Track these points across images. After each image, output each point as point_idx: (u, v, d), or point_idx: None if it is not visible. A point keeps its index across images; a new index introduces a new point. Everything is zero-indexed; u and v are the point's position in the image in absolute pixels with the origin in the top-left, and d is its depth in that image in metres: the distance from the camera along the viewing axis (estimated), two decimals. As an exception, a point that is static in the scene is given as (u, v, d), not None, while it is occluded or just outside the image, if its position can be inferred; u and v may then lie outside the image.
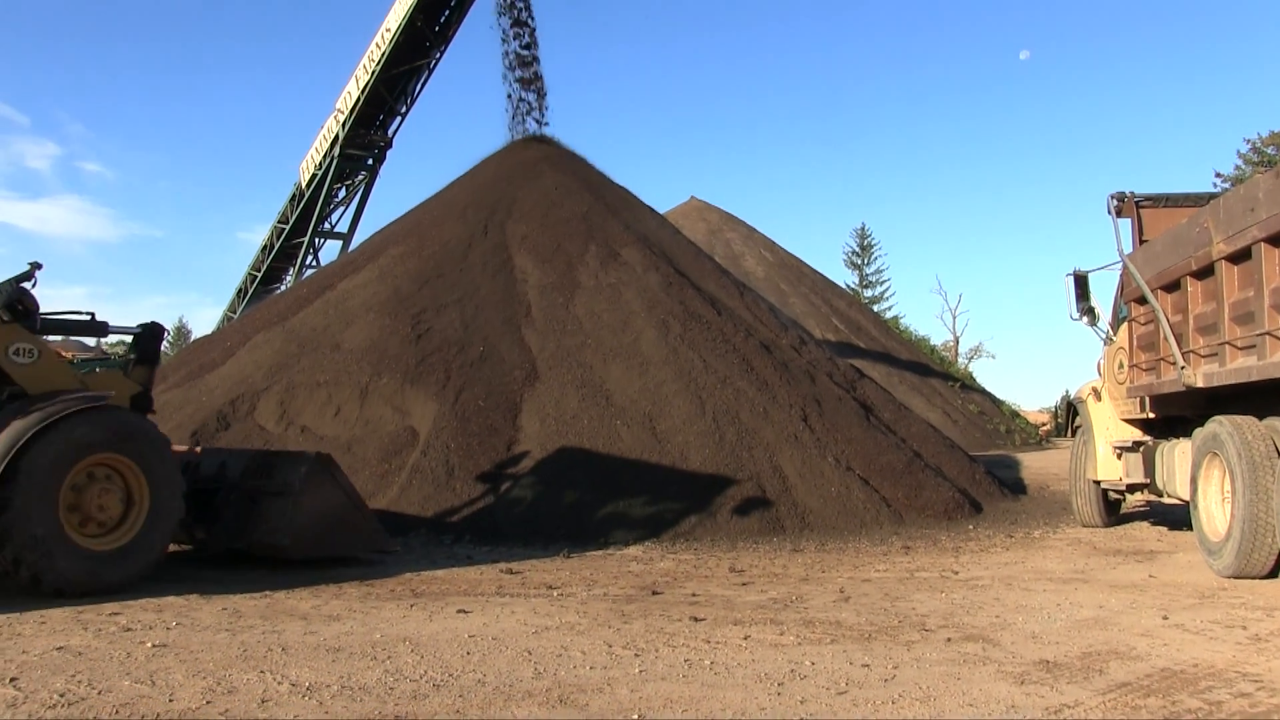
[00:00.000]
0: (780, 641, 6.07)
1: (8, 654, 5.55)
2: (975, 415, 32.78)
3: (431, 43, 27.15)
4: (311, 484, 8.97)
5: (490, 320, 14.90)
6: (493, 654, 5.67)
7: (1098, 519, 12.54)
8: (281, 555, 8.91)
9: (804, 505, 12.12)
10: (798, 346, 16.50)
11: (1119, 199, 11.61)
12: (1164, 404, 10.71)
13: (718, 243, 37.47)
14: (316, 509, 8.95)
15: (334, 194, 30.47)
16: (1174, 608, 7.23)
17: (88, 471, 7.63)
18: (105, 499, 7.70)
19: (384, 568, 9.11)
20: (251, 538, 9.02)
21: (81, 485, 7.59)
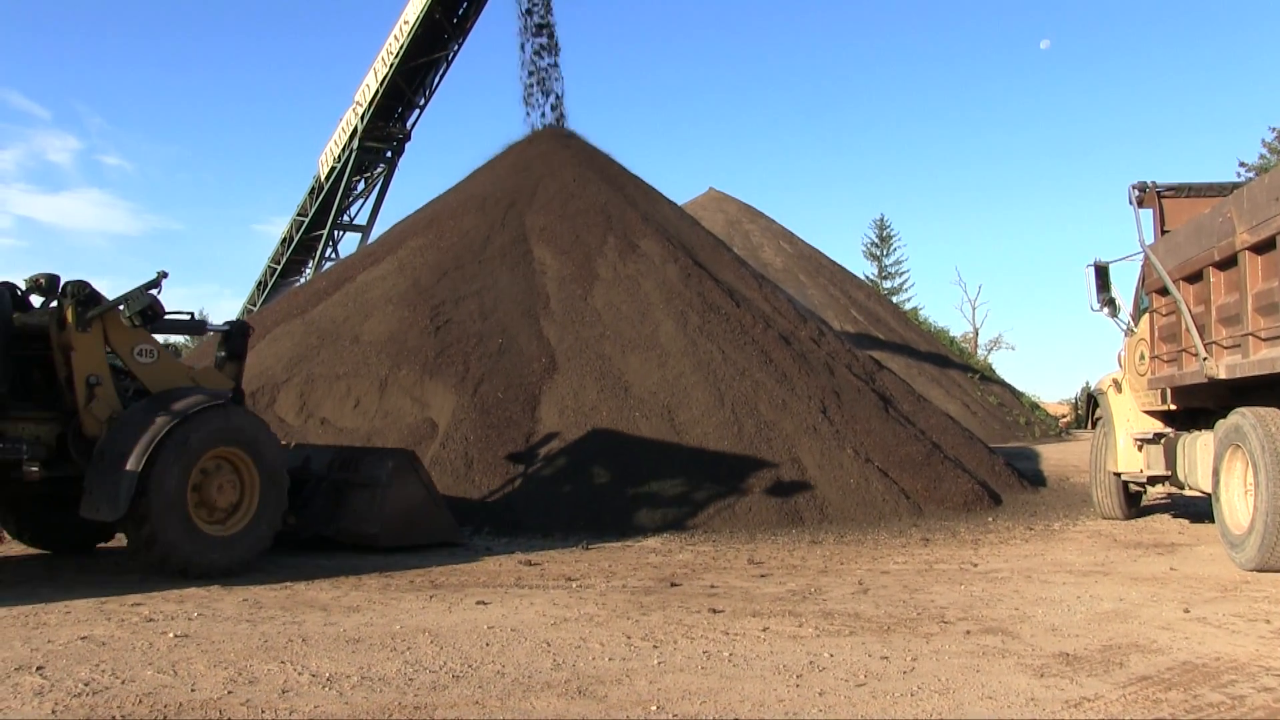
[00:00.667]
0: (799, 633, 6.07)
1: (34, 643, 5.61)
2: (995, 407, 32.64)
3: (449, 35, 27.17)
4: (397, 478, 9.59)
5: (509, 312, 14.92)
6: (512, 645, 5.69)
7: (1118, 511, 12.48)
8: (370, 543, 9.46)
9: (823, 497, 12.11)
10: (816, 338, 16.47)
11: (1140, 189, 11.54)
12: (1186, 395, 10.64)
13: (736, 234, 37.39)
14: (401, 501, 9.61)
15: (353, 186, 30.55)
16: (1195, 601, 7.19)
17: (209, 463, 8.20)
18: (223, 488, 8.28)
19: (404, 560, 9.15)
20: (339, 525, 9.65)
21: (204, 475, 8.17)
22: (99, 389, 8.07)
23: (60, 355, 8.07)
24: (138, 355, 8.39)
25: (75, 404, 8.00)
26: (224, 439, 8.26)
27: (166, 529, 7.74)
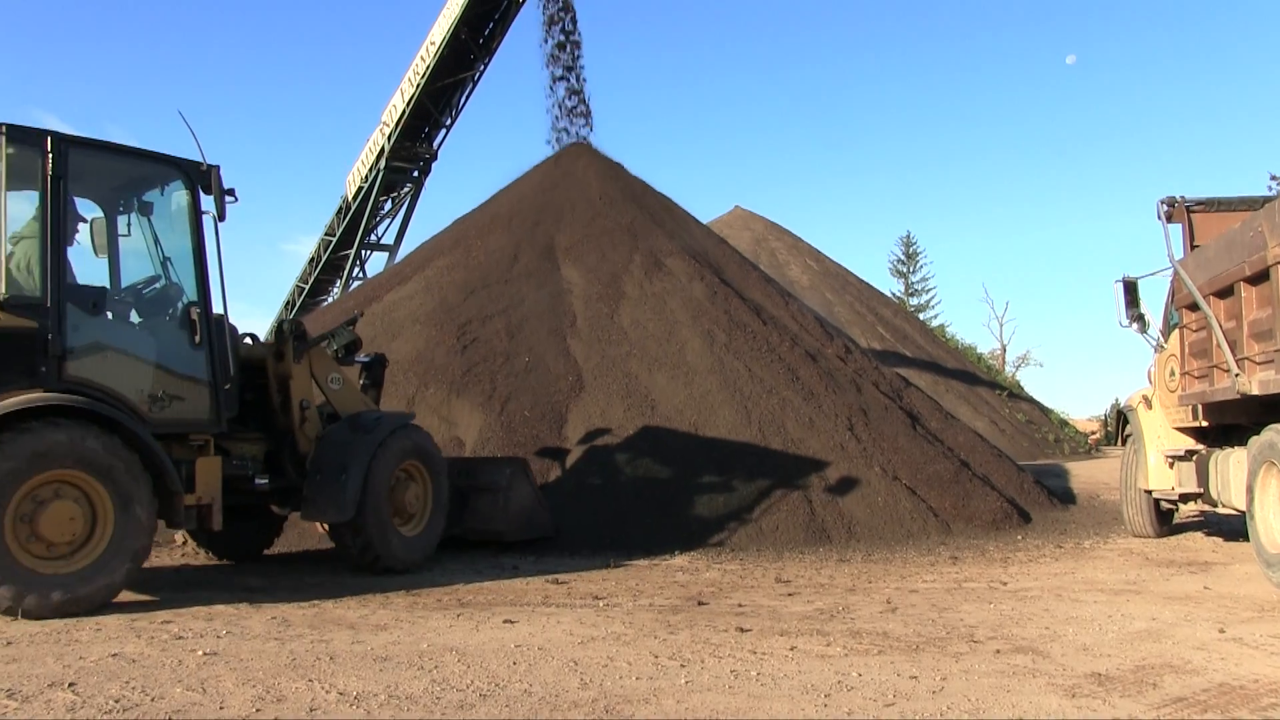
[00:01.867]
0: (827, 652, 6.03)
1: (66, 659, 5.65)
2: (1023, 424, 32.41)
3: (475, 55, 27.38)
4: (514, 482, 10.91)
5: (536, 330, 14.96)
6: (539, 664, 5.68)
7: (1150, 529, 12.34)
8: (496, 539, 10.83)
9: (850, 515, 12.05)
10: (843, 355, 16.41)
11: (1169, 204, 11.45)
12: (1218, 412, 10.53)
13: (762, 252, 37.38)
14: (518, 502, 10.93)
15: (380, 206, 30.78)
16: (1231, 621, 7.09)
17: (400, 473, 9.57)
18: (411, 495, 9.71)
19: (431, 577, 9.17)
20: (468, 525, 10.85)
21: (396, 483, 9.53)
22: (308, 412, 9.43)
23: (275, 383, 9.35)
24: (330, 383, 9.84)
25: (289, 425, 9.28)
26: (411, 453, 9.67)
27: (376, 529, 9.10)
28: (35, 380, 7.19)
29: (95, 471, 7.16)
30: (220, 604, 7.61)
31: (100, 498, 7.23)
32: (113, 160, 8.21)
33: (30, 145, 7.42)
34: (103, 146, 8.01)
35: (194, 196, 8.36)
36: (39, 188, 7.47)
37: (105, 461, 7.19)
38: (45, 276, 7.30)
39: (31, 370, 7.19)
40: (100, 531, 7.24)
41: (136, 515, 7.36)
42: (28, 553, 6.90)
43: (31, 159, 7.43)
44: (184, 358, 8.18)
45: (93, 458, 7.14)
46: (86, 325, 7.59)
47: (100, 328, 7.77)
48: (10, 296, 7.21)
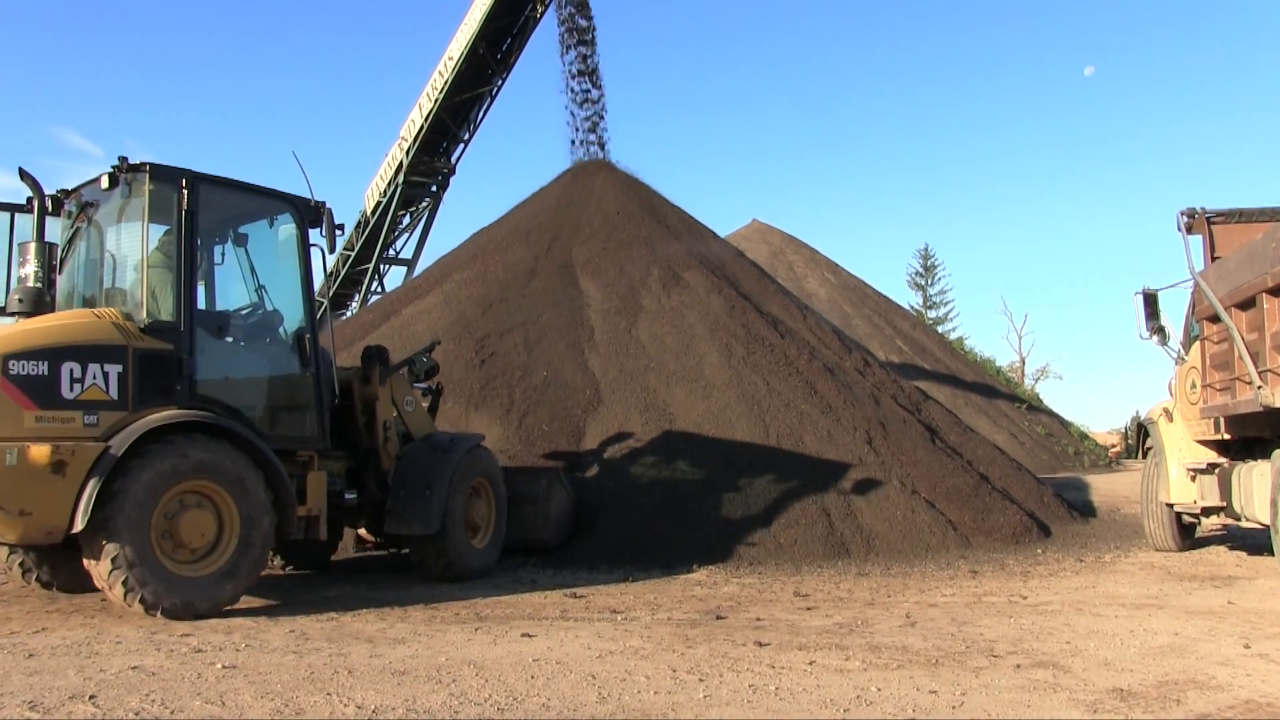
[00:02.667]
0: (846, 667, 6.00)
1: (86, 672, 5.67)
2: (1043, 437, 32.22)
3: (493, 70, 27.50)
4: (553, 491, 11.49)
5: (554, 344, 14.98)
6: (557, 678, 5.67)
7: (1171, 543, 12.25)
8: (541, 546, 11.35)
9: (869, 529, 12.00)
10: (861, 368, 16.37)
11: (1189, 215, 11.40)
12: (1240, 424, 10.46)
13: (780, 265, 37.34)
14: (558, 508, 11.55)
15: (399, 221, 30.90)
16: (1256, 636, 7.02)
17: (470, 490, 10.20)
18: (479, 510, 10.38)
19: (449, 592, 9.18)
20: (510, 534, 11.04)
21: (468, 500, 10.17)
22: (390, 432, 10.00)
23: (361, 405, 9.94)
24: (405, 405, 10.36)
25: (374, 444, 9.88)
26: (481, 471, 10.35)
27: (455, 541, 9.78)
28: (170, 398, 7.81)
29: (226, 483, 7.79)
30: (239, 617, 7.64)
31: (228, 508, 7.84)
32: (232, 196, 8.80)
33: (168, 182, 8.09)
34: (227, 183, 8.63)
35: (303, 230, 9.03)
36: (172, 221, 8.11)
37: (235, 474, 7.83)
38: (179, 303, 7.97)
39: (168, 389, 7.82)
40: (227, 539, 7.84)
41: (260, 525, 7.96)
42: (165, 554, 7.51)
43: (168, 195, 8.09)
44: (294, 379, 8.93)
45: (224, 470, 7.79)
46: (213, 348, 8.32)
47: (224, 350, 8.52)
48: (152, 321, 7.84)
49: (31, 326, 7.52)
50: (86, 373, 7.40)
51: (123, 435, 7.34)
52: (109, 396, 7.48)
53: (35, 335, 7.36)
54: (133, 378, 7.59)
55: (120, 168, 8.01)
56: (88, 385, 7.40)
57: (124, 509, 7.20)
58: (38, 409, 7.17)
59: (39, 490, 7.02)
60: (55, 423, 7.22)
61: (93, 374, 7.43)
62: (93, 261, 8.60)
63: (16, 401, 7.11)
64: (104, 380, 7.47)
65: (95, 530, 7.15)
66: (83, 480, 7.13)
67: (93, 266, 8.59)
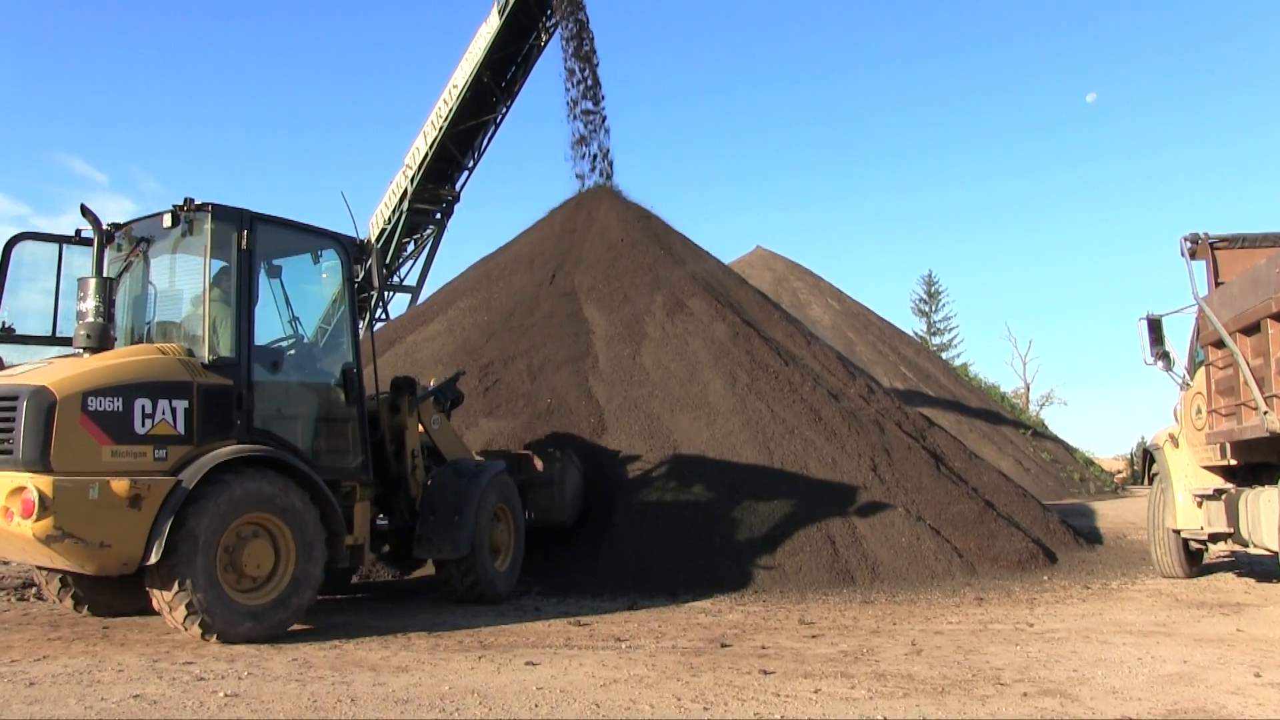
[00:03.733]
0: (851, 695, 5.96)
1: (88, 700, 5.65)
2: (1048, 463, 32.15)
3: (498, 98, 27.61)
4: (567, 472, 12.01)
5: (558, 371, 14.98)
6: (561, 706, 5.64)
7: (1179, 569, 12.18)
8: (560, 527, 11.93)
9: (874, 556, 11.96)
10: (866, 395, 16.35)
11: (1193, 241, 11.39)
12: (1246, 450, 10.42)
13: (784, 292, 37.40)
14: (571, 488, 12.07)
15: (403, 248, 30.92)
16: (1267, 664, 6.97)
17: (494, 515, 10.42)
18: (501, 534, 10.63)
19: (452, 619, 9.14)
20: (529, 517, 11.54)
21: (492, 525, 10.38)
22: (418, 460, 10.27)
23: (390, 433, 10.17)
24: (433, 424, 10.74)
25: (403, 472, 10.12)
26: (503, 496, 10.59)
27: (482, 564, 10.03)
28: (230, 433, 8.05)
29: (283, 514, 8.05)
30: (242, 645, 7.60)
31: (285, 538, 8.10)
32: (285, 234, 9.13)
33: (230, 223, 8.38)
34: (279, 222, 8.94)
35: (348, 268, 9.35)
36: (230, 259, 8.41)
37: (291, 506, 8.10)
38: (238, 339, 8.23)
39: (228, 424, 8.05)
40: (283, 568, 8.10)
41: (315, 554, 8.23)
42: (228, 584, 7.75)
43: (228, 234, 8.37)
44: (341, 413, 9.20)
45: (282, 502, 8.05)
46: (268, 383, 8.56)
47: (277, 385, 8.72)
48: (214, 358, 8.06)
49: (105, 364, 7.69)
50: (157, 408, 7.64)
51: (193, 469, 7.60)
52: (177, 431, 7.72)
53: (110, 372, 7.56)
54: (198, 413, 7.84)
55: (184, 207, 8.26)
56: (158, 420, 7.65)
57: (193, 540, 7.44)
58: (113, 444, 7.38)
59: (118, 523, 7.23)
60: (129, 457, 7.44)
61: (162, 409, 7.67)
62: (141, 297, 8.87)
63: (94, 437, 7.31)
64: (172, 416, 7.71)
65: (165, 561, 7.38)
66: (157, 513, 7.38)
67: (140, 302, 8.87)
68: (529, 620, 9.24)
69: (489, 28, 25.80)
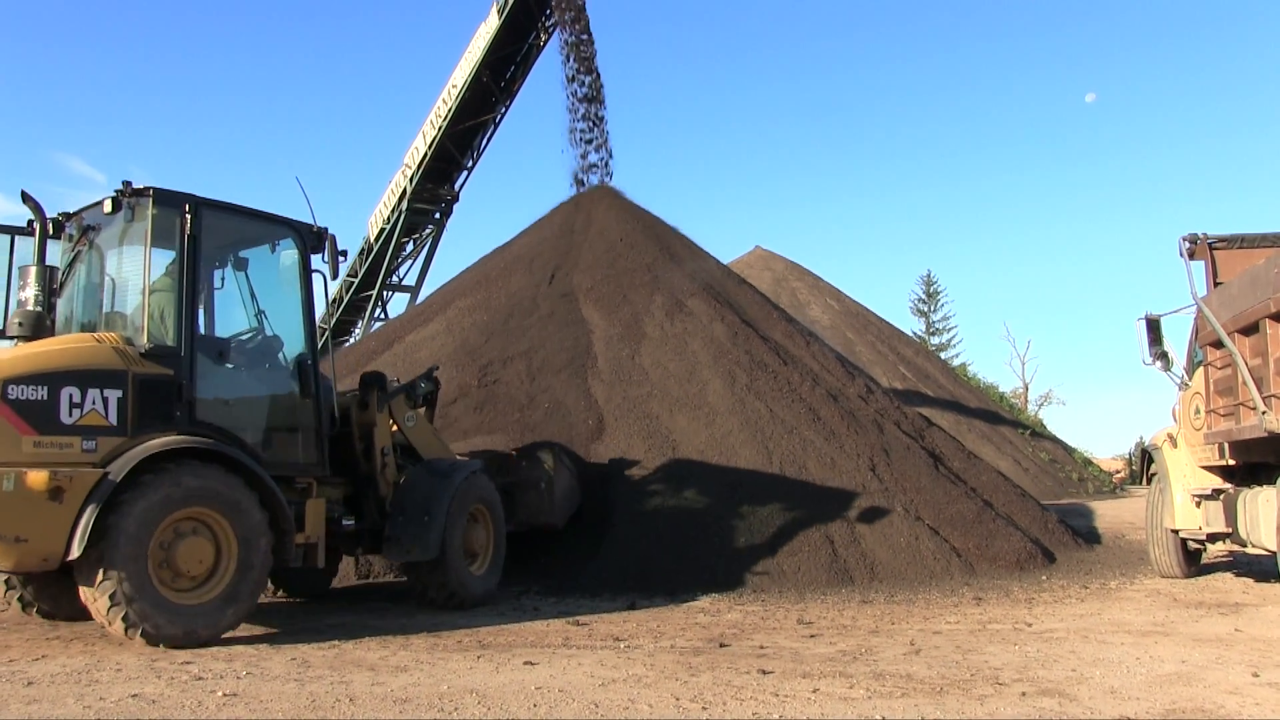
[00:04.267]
0: (850, 695, 5.96)
1: (86, 700, 5.64)
2: (1046, 463, 32.16)
3: (497, 98, 27.64)
4: (556, 472, 11.59)
5: (557, 371, 14.96)
6: (559, 706, 5.64)
7: (1177, 569, 12.19)
8: (550, 530, 11.61)
9: (872, 556, 11.96)
10: (865, 395, 16.35)
11: (1191, 241, 11.40)
12: (1245, 450, 10.42)
13: (783, 292, 37.39)
14: (562, 489, 11.69)
15: (402, 247, 30.95)
16: (1265, 664, 6.97)
17: (469, 517, 10.07)
18: (478, 536, 10.24)
19: (451, 619, 9.14)
20: (518, 520, 11.35)
21: (467, 527, 10.03)
22: (388, 458, 9.92)
23: (359, 431, 9.84)
24: (406, 421, 10.38)
25: (372, 471, 9.78)
26: (480, 497, 10.21)
27: (454, 568, 9.65)
28: (170, 424, 7.77)
29: (224, 510, 7.73)
30: (240, 645, 7.60)
31: (226, 535, 7.77)
32: (235, 221, 8.85)
33: (172, 207, 8.10)
34: (230, 208, 8.68)
35: (305, 256, 9.04)
36: (175, 246, 8.13)
37: (233, 501, 7.78)
38: (180, 328, 7.96)
39: (168, 415, 7.78)
40: (224, 567, 7.77)
41: (256, 557, 7.88)
42: (162, 582, 7.43)
43: (171, 219, 8.10)
44: (295, 406, 8.87)
45: (224, 497, 7.74)
46: (213, 374, 8.30)
47: (224, 376, 8.48)
48: (153, 346, 7.80)
49: (31, 351, 7.48)
50: (86, 398, 7.34)
51: (121, 461, 7.28)
52: (108, 422, 7.43)
53: (34, 360, 7.31)
54: (132, 403, 7.55)
55: (124, 192, 8.02)
56: (87, 410, 7.35)
57: (122, 536, 7.13)
58: (36, 434, 7.12)
59: (36, 517, 6.94)
60: (53, 448, 7.16)
61: (92, 399, 7.37)
62: (92, 286, 8.57)
63: (15, 426, 7.05)
64: (103, 406, 7.41)
65: (91, 558, 7.08)
66: (80, 507, 7.05)
67: (92, 291, 8.56)
68: (527, 620, 9.24)
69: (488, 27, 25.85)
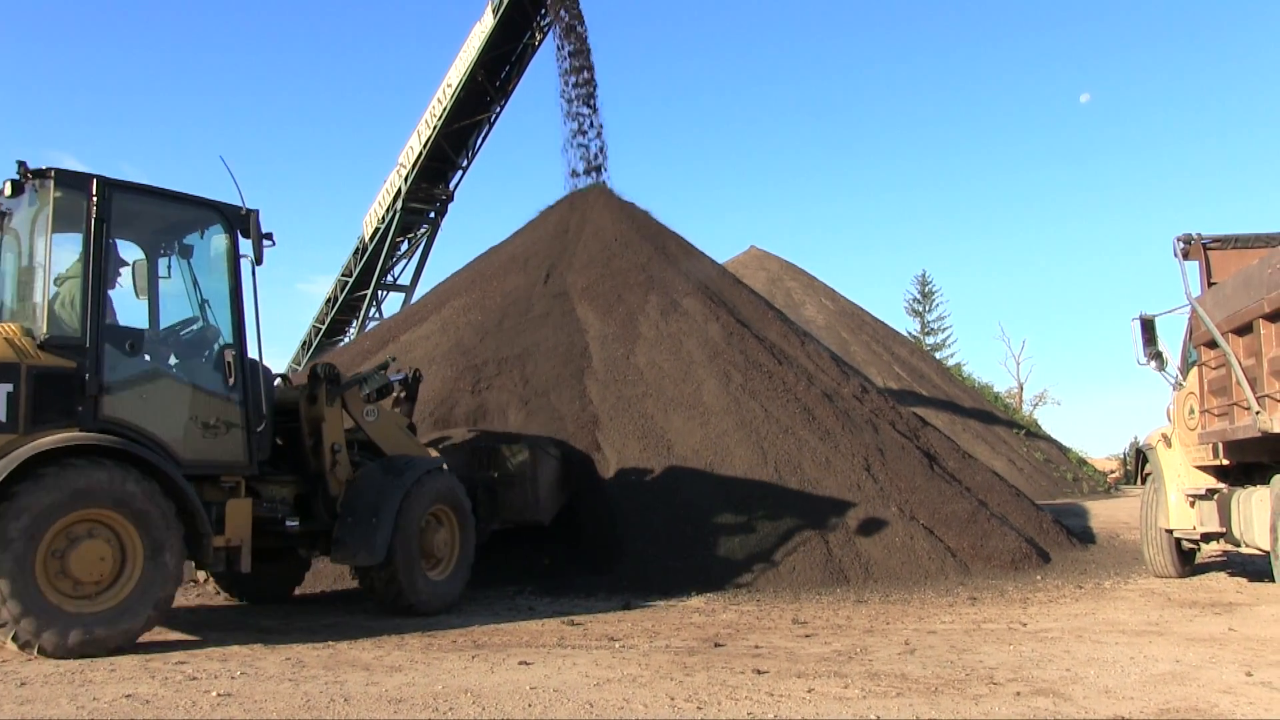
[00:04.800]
0: (845, 695, 5.96)
1: (80, 700, 5.63)
2: (1041, 463, 32.18)
3: (492, 97, 27.63)
4: (540, 466, 11.18)
5: (552, 371, 14.95)
6: (554, 706, 5.63)
7: (1171, 569, 12.21)
8: (537, 525, 11.25)
9: (867, 555, 11.96)
10: (860, 395, 16.36)
11: (1185, 241, 11.42)
12: (1239, 450, 10.44)
13: (778, 291, 37.38)
14: (546, 485, 11.29)
15: (397, 247, 30.93)
16: (1258, 663, 6.98)
17: (430, 518, 9.60)
18: (439, 539, 9.71)
19: (446, 618, 9.14)
20: (503, 518, 11.08)
21: (425, 528, 9.54)
22: (339, 455, 9.44)
23: (308, 426, 9.41)
24: (366, 416, 9.93)
25: (321, 468, 9.31)
26: (441, 498, 9.68)
27: (407, 573, 9.10)
28: (72, 419, 7.31)
29: (128, 513, 7.24)
30: (235, 645, 7.59)
31: (131, 540, 7.30)
32: (154, 204, 8.36)
33: (76, 189, 7.62)
34: (144, 190, 8.19)
35: (233, 240, 8.49)
36: (83, 230, 7.63)
37: (139, 504, 7.29)
38: (85, 317, 7.47)
39: (69, 410, 7.31)
40: (128, 574, 7.30)
41: (165, 560, 7.42)
42: (55, 589, 6.95)
43: (77, 202, 7.61)
44: (218, 400, 8.31)
45: (127, 499, 7.23)
46: (124, 366, 7.76)
47: (137, 368, 7.90)
48: (51, 336, 7.36)
49: None
50: None
51: (5, 461, 6.81)
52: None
53: None
54: (25, 398, 7.08)
55: (24, 174, 7.65)
56: None
57: (3, 540, 6.69)
58: None
59: None
60: None
61: None
62: (9, 273, 8.16)
63: None
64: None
65: None
66: None
67: (11, 278, 8.15)
68: (522, 620, 9.23)
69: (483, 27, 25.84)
